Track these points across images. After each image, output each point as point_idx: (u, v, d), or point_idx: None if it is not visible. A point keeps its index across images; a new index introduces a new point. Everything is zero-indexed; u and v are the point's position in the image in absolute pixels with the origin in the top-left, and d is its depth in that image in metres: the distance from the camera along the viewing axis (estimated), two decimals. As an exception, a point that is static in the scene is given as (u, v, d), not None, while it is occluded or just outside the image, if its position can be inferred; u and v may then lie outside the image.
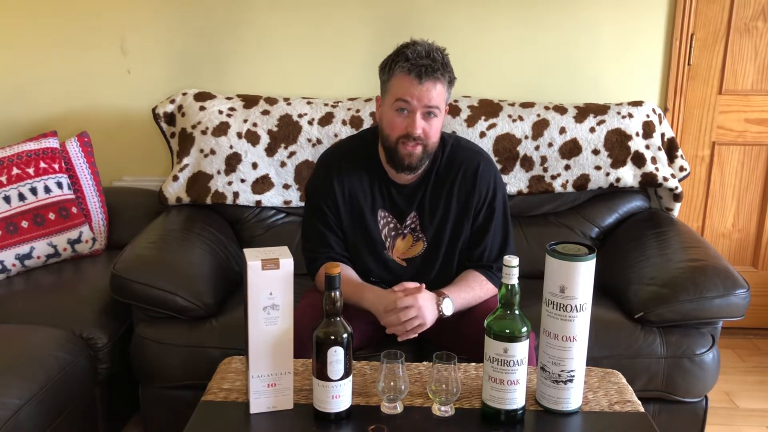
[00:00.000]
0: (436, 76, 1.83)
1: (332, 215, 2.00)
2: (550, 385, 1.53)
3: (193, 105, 2.64)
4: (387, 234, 2.02)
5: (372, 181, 1.99)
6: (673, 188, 2.63)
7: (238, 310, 2.12)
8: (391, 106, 1.87)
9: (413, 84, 1.82)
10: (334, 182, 1.98)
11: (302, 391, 1.60)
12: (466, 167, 1.99)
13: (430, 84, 1.82)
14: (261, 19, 2.83)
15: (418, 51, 1.82)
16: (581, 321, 1.49)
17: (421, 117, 1.85)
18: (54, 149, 2.58)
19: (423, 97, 1.83)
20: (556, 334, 1.50)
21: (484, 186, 1.99)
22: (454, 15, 2.81)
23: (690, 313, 2.14)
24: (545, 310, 1.52)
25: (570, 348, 1.50)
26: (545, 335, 1.53)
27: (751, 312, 2.36)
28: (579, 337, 1.50)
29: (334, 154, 2.07)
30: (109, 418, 2.26)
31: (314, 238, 2.02)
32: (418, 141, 1.86)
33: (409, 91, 1.83)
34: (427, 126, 1.86)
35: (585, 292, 1.48)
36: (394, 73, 1.85)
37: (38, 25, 2.85)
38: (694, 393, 2.20)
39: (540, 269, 1.56)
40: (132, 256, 2.25)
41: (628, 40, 2.84)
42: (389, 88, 1.88)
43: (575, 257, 1.46)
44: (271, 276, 1.46)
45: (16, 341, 2.02)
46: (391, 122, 1.88)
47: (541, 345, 1.54)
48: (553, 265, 1.48)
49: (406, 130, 1.85)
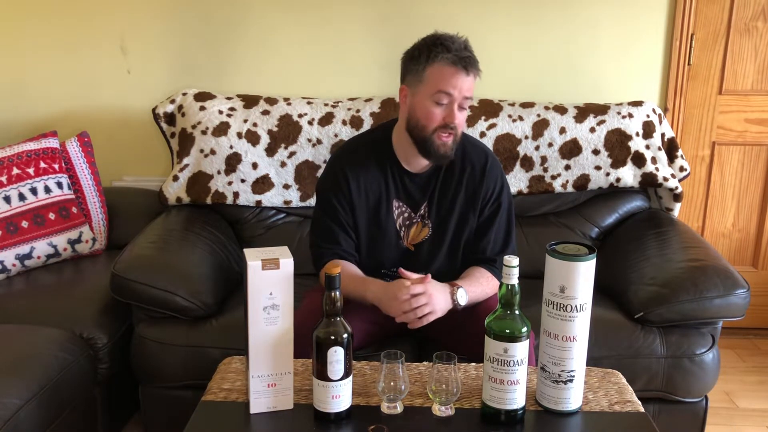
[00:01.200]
0: (477, 68, 1.86)
1: (344, 211, 2.00)
2: (550, 385, 1.53)
3: (193, 105, 2.64)
4: (402, 223, 2.03)
5: (386, 172, 2.00)
6: (673, 188, 2.63)
7: (238, 310, 2.12)
8: (431, 97, 1.86)
9: (457, 75, 1.83)
10: (349, 176, 1.98)
11: (302, 391, 1.60)
12: (476, 161, 2.02)
13: (473, 75, 1.86)
14: (261, 19, 2.83)
15: (458, 43, 1.85)
16: (581, 321, 1.50)
17: (457, 108, 1.87)
18: (54, 149, 2.58)
19: (464, 88, 1.85)
20: (556, 334, 1.50)
21: (491, 181, 2.02)
22: (455, 15, 2.81)
23: (690, 313, 2.14)
24: (545, 310, 1.52)
25: (570, 348, 1.50)
26: (545, 335, 1.53)
27: (751, 312, 2.36)
28: (579, 337, 1.50)
29: (346, 150, 2.08)
30: (109, 418, 2.26)
31: (323, 235, 2.02)
32: (452, 131, 1.88)
33: (452, 82, 1.84)
34: (462, 117, 1.90)
35: (585, 292, 1.48)
36: (433, 64, 1.84)
37: (38, 25, 2.85)
38: (694, 393, 2.20)
39: (540, 269, 1.56)
40: (132, 256, 2.25)
41: (628, 40, 2.84)
42: (426, 78, 1.86)
43: (575, 257, 1.46)
44: (271, 276, 1.46)
45: (16, 341, 2.02)
46: (429, 113, 1.87)
47: (541, 345, 1.54)
48: (553, 265, 1.48)
49: (445, 120, 1.87)
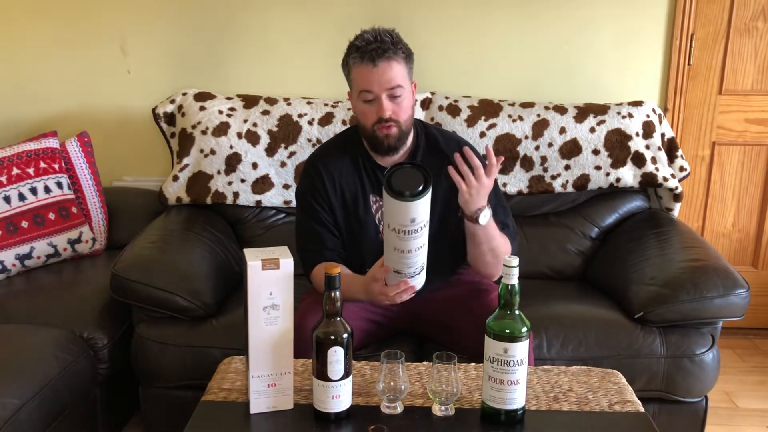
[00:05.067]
0: (389, 56, 1.87)
1: (324, 211, 2.01)
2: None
3: (193, 105, 2.64)
4: (380, 218, 2.03)
5: (359, 168, 2.02)
6: (673, 188, 2.63)
7: (238, 310, 2.12)
8: (358, 98, 1.92)
9: (369, 70, 1.86)
10: (324, 176, 2.01)
11: (302, 391, 1.60)
12: (450, 148, 1.95)
13: (385, 65, 1.86)
14: (261, 19, 2.83)
15: (366, 38, 1.88)
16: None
17: (387, 99, 1.88)
18: (54, 149, 2.58)
19: (382, 80, 1.87)
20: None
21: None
22: (454, 14, 2.81)
23: (690, 313, 2.14)
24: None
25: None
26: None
27: (751, 312, 2.36)
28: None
29: (319, 152, 2.11)
30: (109, 418, 2.27)
31: (308, 237, 2.03)
32: (391, 122, 1.90)
33: (367, 79, 1.87)
34: (395, 106, 1.90)
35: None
36: (351, 66, 1.91)
37: (38, 25, 2.85)
38: (694, 393, 2.20)
39: (540, 269, 1.56)
40: (132, 256, 2.25)
41: (628, 40, 2.84)
42: (351, 82, 1.94)
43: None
44: (271, 276, 1.46)
45: (16, 341, 2.02)
46: (363, 113, 1.93)
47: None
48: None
49: (377, 114, 1.90)
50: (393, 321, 2.02)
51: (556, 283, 2.53)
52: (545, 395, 1.62)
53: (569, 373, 1.72)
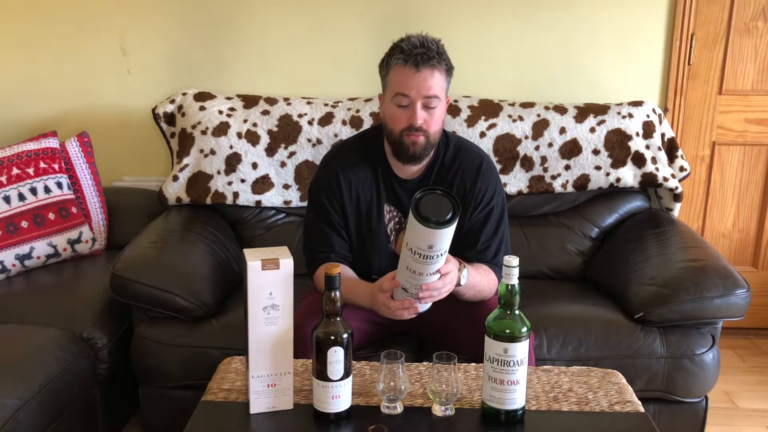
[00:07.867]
0: (432, 64, 1.85)
1: (336, 214, 2.00)
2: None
3: (193, 105, 2.64)
4: (392, 228, 2.02)
5: (377, 176, 2.00)
6: (673, 188, 2.63)
7: (238, 310, 2.12)
8: (392, 101, 1.89)
9: (410, 74, 1.84)
10: (341, 179, 1.99)
11: (302, 391, 1.60)
12: (469, 163, 2.00)
13: (428, 72, 1.84)
14: (261, 19, 2.83)
15: (413, 42, 1.85)
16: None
17: (421, 107, 1.86)
18: (54, 149, 2.58)
19: (421, 87, 1.84)
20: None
21: (485, 183, 1.99)
22: (454, 14, 2.81)
23: (690, 313, 2.14)
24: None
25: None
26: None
27: (751, 312, 2.36)
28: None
29: (338, 153, 2.08)
30: (109, 418, 2.27)
31: (316, 238, 2.02)
32: (420, 131, 1.88)
33: (406, 83, 1.85)
34: (428, 116, 1.88)
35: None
36: (392, 67, 1.88)
37: (38, 25, 2.85)
38: (694, 393, 2.20)
39: (540, 269, 1.56)
40: (132, 256, 2.25)
41: (628, 40, 2.84)
42: (388, 83, 1.91)
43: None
44: (271, 276, 1.46)
45: (16, 341, 2.02)
46: (393, 116, 1.90)
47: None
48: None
49: (408, 122, 1.87)
50: (393, 322, 2.02)
51: (556, 283, 2.53)
52: (545, 395, 1.62)
53: (569, 374, 1.72)
